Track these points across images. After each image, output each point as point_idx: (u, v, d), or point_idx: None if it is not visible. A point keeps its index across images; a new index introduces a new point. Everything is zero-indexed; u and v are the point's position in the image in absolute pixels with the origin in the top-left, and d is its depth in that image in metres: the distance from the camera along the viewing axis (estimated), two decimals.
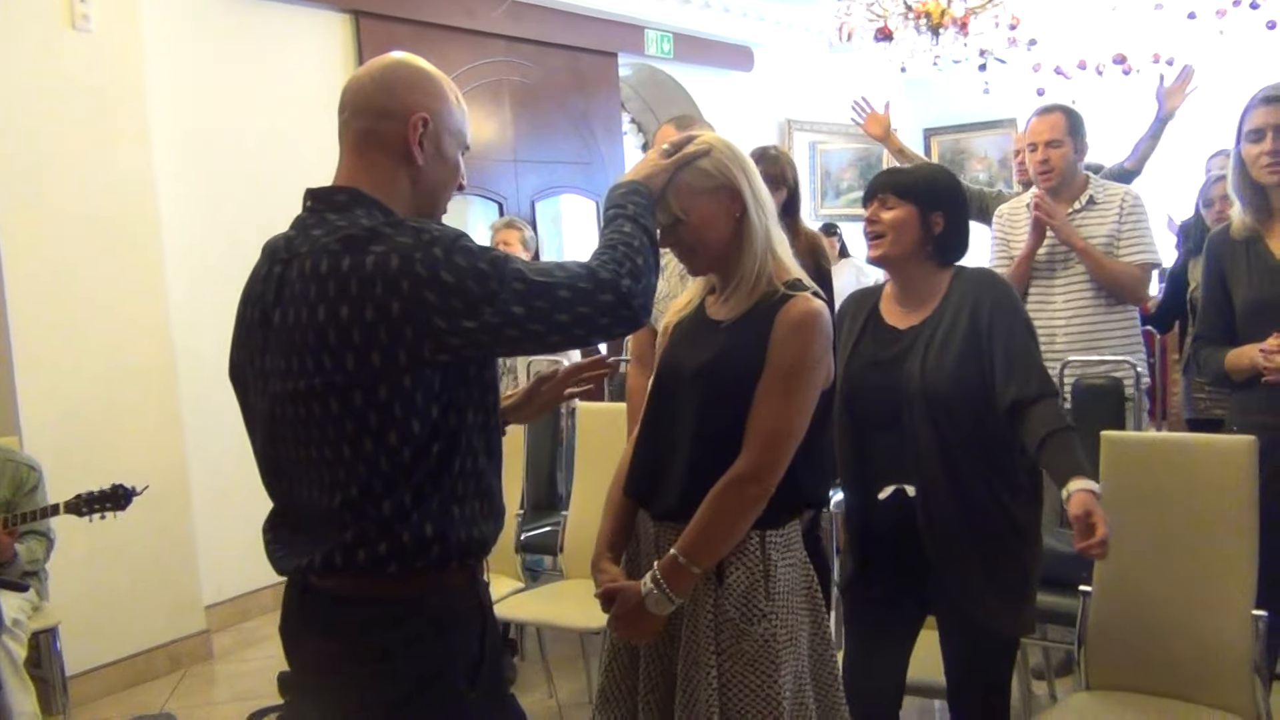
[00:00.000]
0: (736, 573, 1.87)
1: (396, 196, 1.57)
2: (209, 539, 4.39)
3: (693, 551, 1.82)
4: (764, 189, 1.93)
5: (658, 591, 1.83)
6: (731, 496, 1.82)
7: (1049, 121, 3.46)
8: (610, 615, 1.90)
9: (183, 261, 4.37)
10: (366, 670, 1.52)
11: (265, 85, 4.77)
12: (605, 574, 1.97)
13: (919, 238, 2.23)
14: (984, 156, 8.84)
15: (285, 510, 1.62)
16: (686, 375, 1.93)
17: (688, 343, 1.99)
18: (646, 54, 6.94)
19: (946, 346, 2.18)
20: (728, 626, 1.86)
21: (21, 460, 3.55)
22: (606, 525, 2.05)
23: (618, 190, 1.75)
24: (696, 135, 1.92)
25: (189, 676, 4.19)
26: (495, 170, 6.07)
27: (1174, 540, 2.43)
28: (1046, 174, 3.45)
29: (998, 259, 3.67)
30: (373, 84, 1.58)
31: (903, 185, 2.25)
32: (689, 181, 1.87)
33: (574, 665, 3.81)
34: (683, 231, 1.90)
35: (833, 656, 1.98)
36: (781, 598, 1.88)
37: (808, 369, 1.84)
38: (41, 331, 3.84)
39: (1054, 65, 7.13)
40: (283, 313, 1.50)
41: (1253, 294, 2.69)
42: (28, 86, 3.79)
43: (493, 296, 1.43)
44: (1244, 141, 2.70)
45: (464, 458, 1.54)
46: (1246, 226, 2.73)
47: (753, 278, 1.90)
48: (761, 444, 1.82)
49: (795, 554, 1.94)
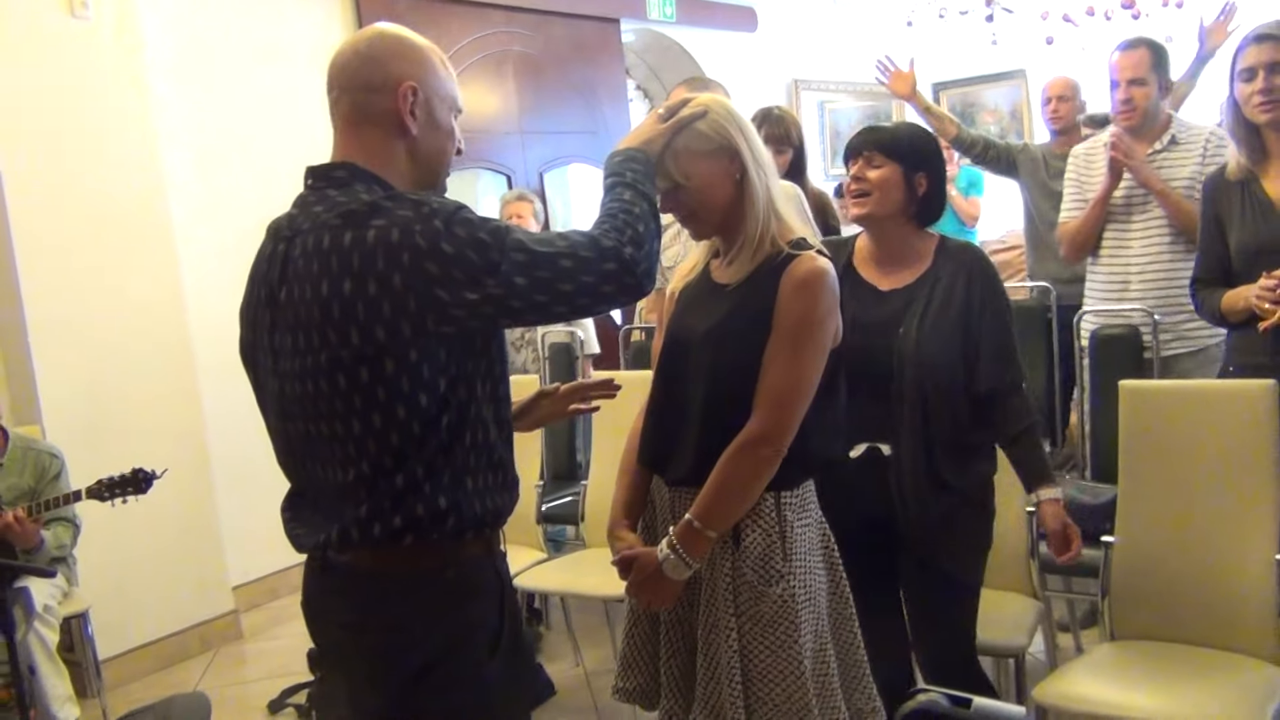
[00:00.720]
0: (753, 535, 1.87)
1: (394, 169, 1.58)
2: (234, 520, 4.43)
3: (708, 516, 1.82)
4: (763, 148, 1.93)
5: (674, 557, 1.84)
6: (744, 459, 1.82)
7: (1133, 58, 3.30)
8: (628, 582, 1.91)
9: (193, 243, 4.37)
10: (387, 641, 1.53)
11: (267, 61, 4.75)
12: (622, 541, 1.98)
13: (903, 198, 2.23)
14: (994, 109, 8.75)
15: (301, 488, 1.64)
16: (694, 340, 1.93)
17: (694, 308, 1.99)
18: (649, 18, 6.87)
19: (942, 316, 2.19)
20: (745, 589, 1.86)
21: (44, 449, 3.58)
22: (620, 493, 2.07)
23: (615, 158, 1.74)
24: (690, 99, 1.90)
25: (220, 656, 4.24)
26: (502, 142, 6.04)
27: (1195, 488, 2.42)
28: (1128, 113, 3.32)
29: (1072, 203, 3.55)
30: (357, 59, 1.57)
31: (887, 143, 2.24)
32: (687, 145, 1.86)
33: (599, 633, 3.84)
34: (684, 196, 1.89)
35: (853, 615, 1.98)
36: (799, 558, 1.89)
37: (815, 327, 1.84)
38: (57, 320, 3.85)
39: (1062, 13, 7.03)
40: (288, 290, 1.51)
41: (1247, 235, 2.69)
42: (29, 76, 3.79)
43: (494, 267, 1.43)
44: (1237, 81, 2.68)
45: (474, 430, 1.54)
46: (1241, 168, 2.73)
47: (755, 239, 1.89)
48: (772, 405, 1.82)
49: (811, 514, 1.95)
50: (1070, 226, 3.53)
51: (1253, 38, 2.66)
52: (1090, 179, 3.49)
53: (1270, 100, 2.60)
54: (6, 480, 3.45)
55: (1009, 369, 2.22)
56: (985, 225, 6.58)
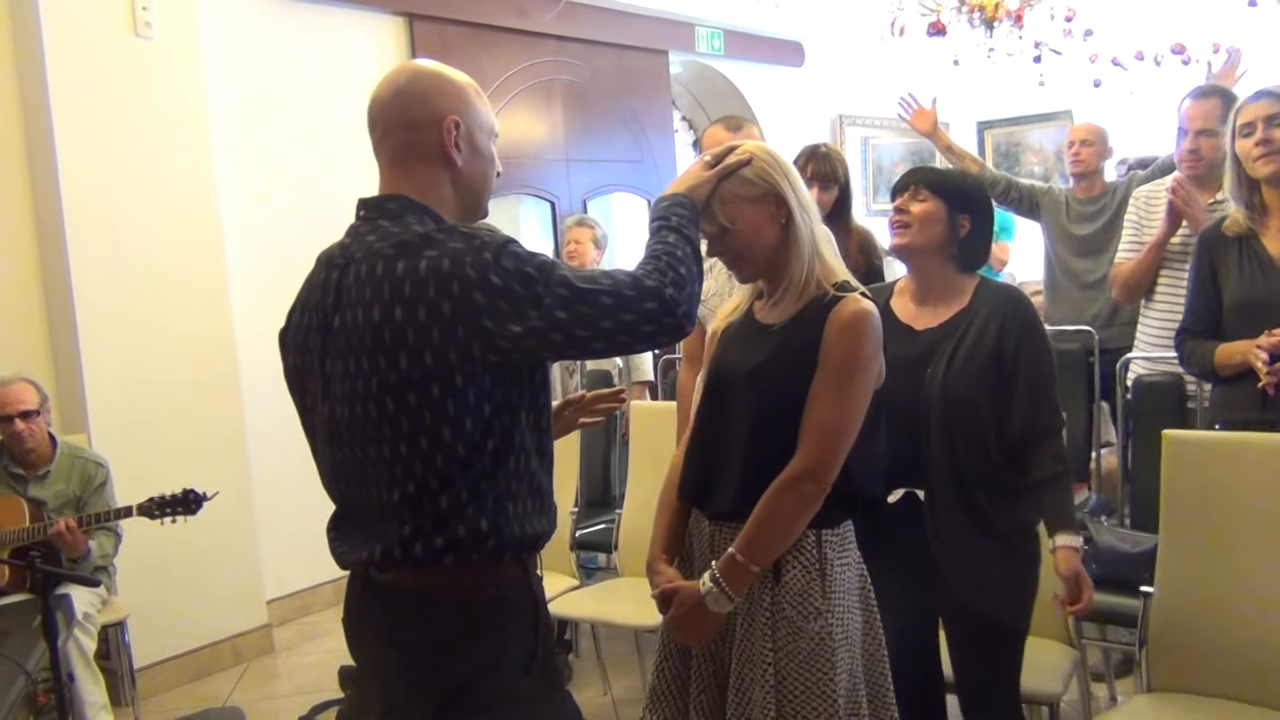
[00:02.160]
0: (793, 571, 1.89)
1: (441, 199, 1.63)
2: (270, 535, 4.48)
3: (751, 550, 1.84)
4: (807, 193, 1.96)
5: (717, 590, 1.85)
6: (788, 495, 1.84)
7: (1205, 108, 3.29)
8: (668, 616, 1.92)
9: (245, 263, 4.45)
10: (425, 659, 1.57)
11: (322, 88, 4.84)
12: (662, 575, 1.99)
13: (944, 235, 2.24)
14: (1039, 149, 8.72)
15: (346, 509, 1.67)
16: (739, 378, 1.95)
17: (738, 346, 2.01)
18: (697, 51, 6.93)
19: (972, 357, 2.19)
20: (784, 624, 1.87)
21: (90, 457, 3.65)
22: (660, 528, 2.08)
23: (661, 203, 1.78)
24: (736, 146, 1.94)
25: (252, 669, 4.28)
26: (547, 169, 6.10)
27: (1238, 540, 2.39)
28: (1193, 164, 3.31)
29: (1129, 244, 3.52)
30: (399, 98, 1.62)
31: (935, 180, 2.27)
32: (734, 191, 1.90)
33: (629, 663, 3.83)
34: (730, 240, 1.93)
35: (884, 656, 1.99)
36: (838, 596, 1.90)
37: (860, 367, 1.86)
38: (109, 331, 3.94)
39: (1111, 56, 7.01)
40: (341, 317, 1.55)
41: (1244, 291, 2.70)
42: (92, 93, 3.89)
43: (538, 300, 1.47)
44: (1237, 137, 2.71)
45: (517, 456, 1.58)
46: (1240, 224, 2.74)
47: (801, 281, 1.93)
48: (816, 442, 1.84)
49: (850, 554, 1.96)
50: (1125, 268, 3.51)
51: (1251, 96, 2.71)
52: (1150, 222, 3.47)
53: (1269, 152, 2.63)
54: (53, 487, 3.52)
55: (1043, 413, 2.19)
56: (1020, 268, 6.55)
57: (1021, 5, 4.74)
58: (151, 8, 4.01)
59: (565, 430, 2.06)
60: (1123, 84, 6.68)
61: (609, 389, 2.14)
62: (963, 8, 4.77)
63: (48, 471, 3.54)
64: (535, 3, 5.78)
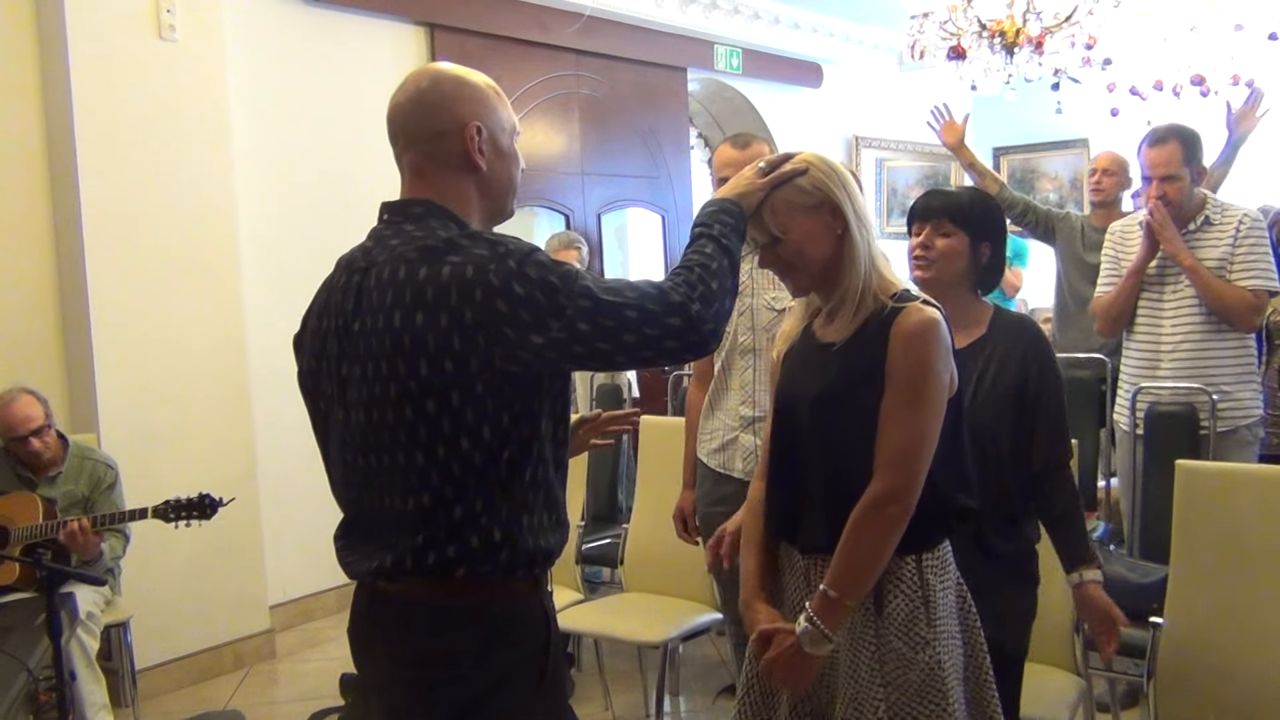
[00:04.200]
0: (896, 601, 1.81)
1: (467, 204, 1.61)
2: (275, 540, 4.48)
3: (842, 583, 1.76)
4: (864, 205, 1.89)
5: (812, 629, 1.77)
6: (872, 521, 1.77)
7: (1164, 154, 3.31)
8: (765, 658, 1.84)
9: (259, 269, 4.47)
10: (434, 674, 1.54)
11: (341, 96, 4.86)
12: (760, 614, 1.91)
13: (966, 268, 2.22)
14: (1055, 176, 8.71)
15: (356, 518, 1.64)
16: (805, 405, 1.88)
17: (802, 371, 1.94)
18: (715, 69, 6.95)
19: (996, 387, 2.17)
20: (893, 657, 1.79)
21: (99, 458, 3.65)
22: (751, 563, 1.99)
23: (708, 207, 1.72)
24: (794, 154, 1.88)
25: (253, 674, 4.27)
26: (563, 182, 6.12)
27: (1249, 572, 2.38)
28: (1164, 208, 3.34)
29: (1107, 277, 3.56)
30: (419, 108, 1.60)
31: (959, 212, 2.22)
32: (787, 199, 1.82)
33: (631, 678, 3.82)
34: (782, 250, 1.86)
35: (991, 681, 1.91)
36: (942, 623, 1.83)
37: (931, 378, 1.79)
38: (122, 333, 3.95)
39: (1129, 85, 7.01)
40: (361, 321, 1.53)
41: None
42: (116, 94, 3.91)
43: (560, 311, 1.44)
44: None
45: (535, 467, 1.55)
46: None
47: (857, 294, 1.84)
48: (893, 462, 1.77)
49: (950, 575, 1.89)
50: (1104, 300, 3.53)
51: None
52: (1126, 254, 3.50)
53: None
54: (63, 487, 3.53)
55: (1059, 444, 2.20)
56: (1033, 294, 6.54)
57: (1043, 32, 4.75)
58: (176, 11, 4.03)
59: (577, 450, 2.01)
60: (1140, 114, 6.67)
61: (623, 411, 2.11)
62: (983, 33, 4.78)
63: (59, 472, 3.54)
64: (556, 16, 5.80)
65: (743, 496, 2.25)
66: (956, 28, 4.86)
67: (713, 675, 3.99)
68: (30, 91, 3.92)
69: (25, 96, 3.91)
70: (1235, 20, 6.77)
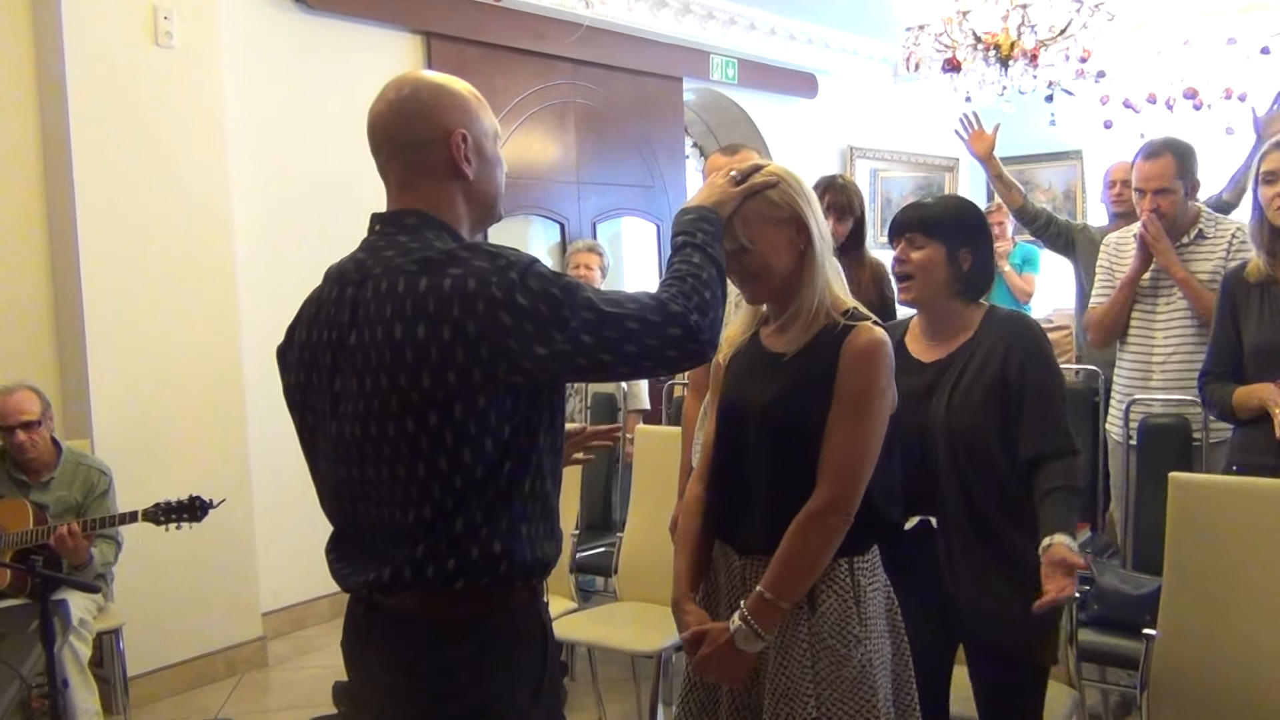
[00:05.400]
0: (829, 600, 1.88)
1: (456, 212, 1.61)
2: (267, 547, 4.47)
3: (779, 587, 1.83)
4: (825, 222, 1.96)
5: (746, 629, 1.83)
6: (813, 529, 1.84)
7: (1158, 168, 3.32)
8: (697, 656, 1.89)
9: (254, 278, 4.46)
10: (432, 687, 1.53)
11: (338, 104, 4.85)
12: (690, 615, 1.97)
13: (946, 277, 2.23)
14: (1048, 188, 8.73)
15: (349, 530, 1.62)
16: (754, 412, 1.94)
17: (750, 378, 1.99)
18: (711, 79, 6.97)
19: (973, 388, 2.18)
20: (826, 654, 1.86)
21: (93, 464, 3.64)
22: (683, 563, 2.04)
23: (687, 215, 1.74)
24: (764, 165, 1.94)
25: (245, 682, 4.26)
26: (558, 191, 6.12)
27: (1242, 584, 2.39)
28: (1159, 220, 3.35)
29: (1101, 289, 3.58)
30: (402, 118, 1.59)
31: (930, 222, 2.23)
32: (758, 210, 1.89)
33: (624, 687, 3.82)
34: (747, 259, 1.91)
35: (912, 679, 1.97)
36: (872, 622, 1.90)
37: (877, 397, 1.86)
38: (116, 341, 3.94)
39: (1123, 98, 7.04)
40: (358, 333, 1.51)
41: (1264, 336, 2.72)
42: (113, 100, 3.92)
43: (564, 323, 1.44)
44: (1260, 185, 2.73)
45: (534, 478, 1.56)
46: (1260, 270, 2.77)
47: (812, 310, 1.92)
48: (837, 474, 1.84)
49: (879, 578, 1.96)
50: (1098, 312, 3.56)
51: (1275, 144, 2.74)
52: (1120, 266, 3.52)
53: None
54: (56, 493, 3.52)
55: (1053, 434, 2.15)
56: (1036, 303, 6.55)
57: (1037, 45, 4.77)
58: (173, 19, 4.04)
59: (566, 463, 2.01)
60: (1134, 126, 6.70)
61: (606, 426, 2.11)
62: (978, 46, 4.79)
63: (51, 478, 3.53)
64: (553, 26, 5.81)
65: None
66: (951, 40, 4.88)
67: None
68: (27, 98, 3.92)
69: (21, 103, 3.91)
70: (1228, 34, 6.81)
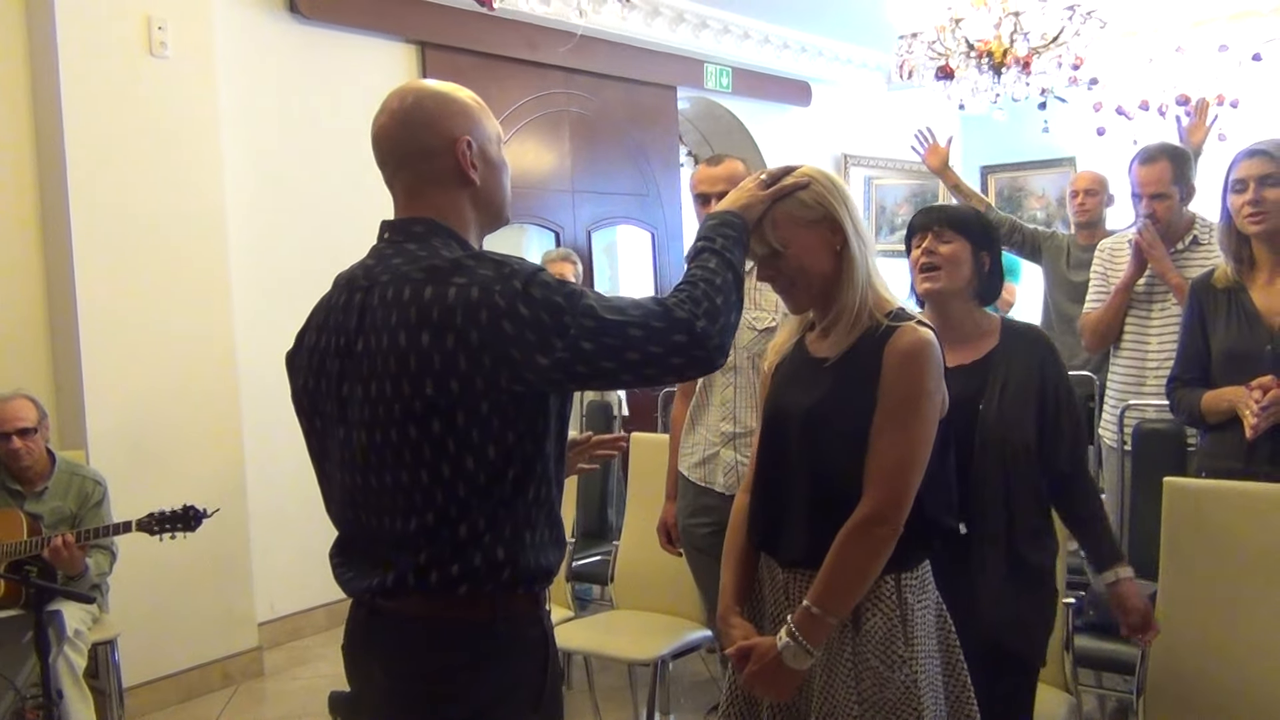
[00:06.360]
0: (874, 619, 1.81)
1: (464, 219, 1.61)
2: (264, 557, 4.45)
3: (826, 600, 1.76)
4: (863, 220, 1.89)
5: (794, 645, 1.77)
6: (860, 540, 1.76)
7: (1155, 172, 3.36)
8: (745, 672, 1.84)
9: (249, 286, 4.46)
10: (433, 690, 1.53)
11: (332, 113, 4.87)
12: (736, 629, 1.91)
13: (971, 274, 2.23)
14: (1042, 195, 8.76)
15: (354, 536, 1.63)
16: (797, 418, 1.88)
17: (793, 384, 1.94)
18: (705, 88, 6.99)
19: (1021, 393, 2.17)
20: (869, 674, 1.79)
21: (88, 474, 3.64)
22: (729, 577, 1.99)
23: (710, 221, 1.72)
24: (795, 166, 1.88)
25: (241, 692, 4.25)
26: (553, 200, 6.14)
27: (1237, 589, 2.40)
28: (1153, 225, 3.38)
29: (1096, 295, 3.60)
30: (406, 129, 1.59)
31: (957, 220, 2.25)
32: (789, 212, 1.83)
33: (621, 696, 3.81)
34: (782, 264, 1.86)
35: (971, 698, 1.90)
36: (920, 642, 1.82)
37: (923, 399, 1.79)
38: (111, 349, 3.94)
39: (1115, 105, 7.07)
40: (365, 340, 1.52)
41: (1231, 342, 2.74)
42: (107, 110, 3.92)
43: (564, 330, 1.44)
44: (1229, 193, 2.77)
45: (538, 485, 1.55)
46: (1228, 277, 2.79)
47: (854, 311, 1.85)
48: (884, 482, 1.77)
49: (929, 595, 1.89)
50: (1092, 317, 3.58)
51: (1245, 153, 2.76)
52: (1115, 272, 3.55)
53: (1259, 212, 2.68)
54: (50, 503, 3.51)
55: (1078, 451, 2.21)
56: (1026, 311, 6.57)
57: (1030, 53, 4.79)
58: (168, 28, 4.04)
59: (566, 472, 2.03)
60: (1126, 133, 6.72)
61: (611, 435, 2.10)
62: (971, 54, 4.81)
63: (45, 488, 3.52)
64: (547, 35, 5.82)
65: (723, 509, 2.24)
66: (945, 48, 4.90)
67: (703, 692, 3.98)
68: (21, 107, 3.92)
69: (16, 112, 3.91)
70: (1220, 41, 6.85)
